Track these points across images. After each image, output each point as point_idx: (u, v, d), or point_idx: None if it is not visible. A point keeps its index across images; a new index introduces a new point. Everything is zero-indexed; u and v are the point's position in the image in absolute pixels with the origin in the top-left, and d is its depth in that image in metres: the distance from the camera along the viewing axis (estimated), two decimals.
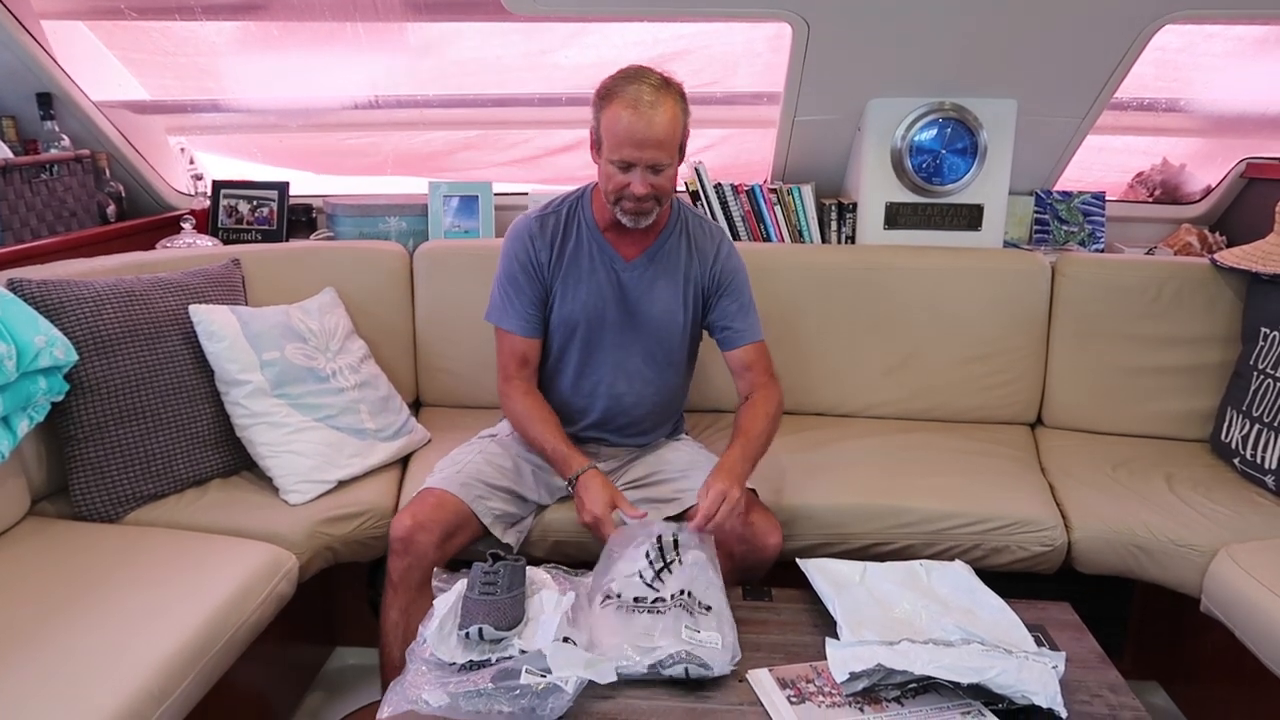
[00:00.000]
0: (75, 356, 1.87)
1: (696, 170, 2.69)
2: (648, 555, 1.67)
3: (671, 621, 1.55)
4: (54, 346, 1.81)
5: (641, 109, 1.77)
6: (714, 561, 1.71)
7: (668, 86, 1.82)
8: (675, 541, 1.71)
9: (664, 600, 1.59)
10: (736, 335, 2.04)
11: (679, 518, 1.88)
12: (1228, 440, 2.30)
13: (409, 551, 1.80)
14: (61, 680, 1.39)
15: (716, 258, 2.04)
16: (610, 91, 1.81)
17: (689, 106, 1.87)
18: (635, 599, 1.60)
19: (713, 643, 1.53)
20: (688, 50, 2.71)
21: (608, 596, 1.61)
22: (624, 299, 2.01)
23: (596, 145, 1.87)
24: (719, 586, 1.67)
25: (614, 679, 1.43)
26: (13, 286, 1.88)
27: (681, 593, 1.61)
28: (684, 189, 2.74)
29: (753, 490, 1.98)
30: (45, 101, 2.50)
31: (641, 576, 1.64)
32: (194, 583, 1.69)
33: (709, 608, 1.61)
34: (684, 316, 2.04)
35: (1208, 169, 2.95)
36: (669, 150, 1.82)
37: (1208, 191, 2.94)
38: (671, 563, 1.67)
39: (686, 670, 1.47)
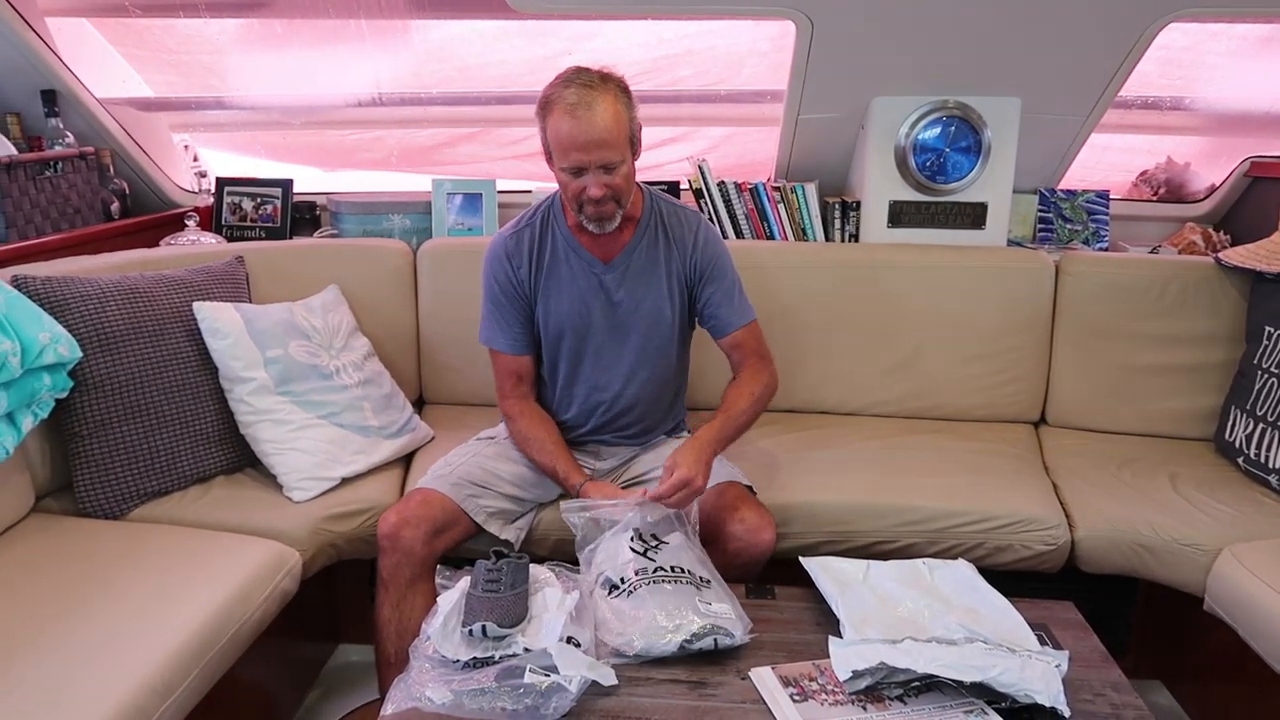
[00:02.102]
0: (79, 353, 1.87)
1: (700, 168, 2.68)
2: (631, 538, 1.69)
3: (684, 598, 1.56)
4: (58, 343, 1.81)
5: (579, 113, 1.76)
6: (695, 541, 1.75)
7: (604, 83, 1.80)
8: (653, 534, 1.73)
9: (665, 570, 1.61)
10: (725, 323, 2.04)
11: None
12: (1232, 439, 2.29)
13: (396, 548, 1.82)
14: (64, 676, 1.39)
15: (695, 245, 2.03)
16: (548, 101, 1.80)
17: (633, 99, 1.85)
18: (637, 571, 1.61)
19: (726, 613, 1.56)
20: (692, 49, 2.71)
21: (614, 587, 1.61)
22: (608, 301, 2.00)
23: (549, 156, 1.87)
24: (708, 561, 1.71)
25: (615, 681, 1.44)
26: (17, 283, 1.88)
27: (675, 569, 1.63)
28: (687, 187, 2.74)
29: (748, 487, 1.99)
30: (50, 98, 2.50)
31: (634, 550, 1.66)
32: (198, 579, 1.69)
33: (708, 581, 1.64)
34: (671, 311, 2.03)
35: (1212, 168, 2.94)
36: (616, 148, 1.80)
37: (1212, 190, 2.94)
38: (658, 545, 1.69)
39: (715, 642, 1.51)
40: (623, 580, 1.61)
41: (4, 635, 1.48)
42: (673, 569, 1.63)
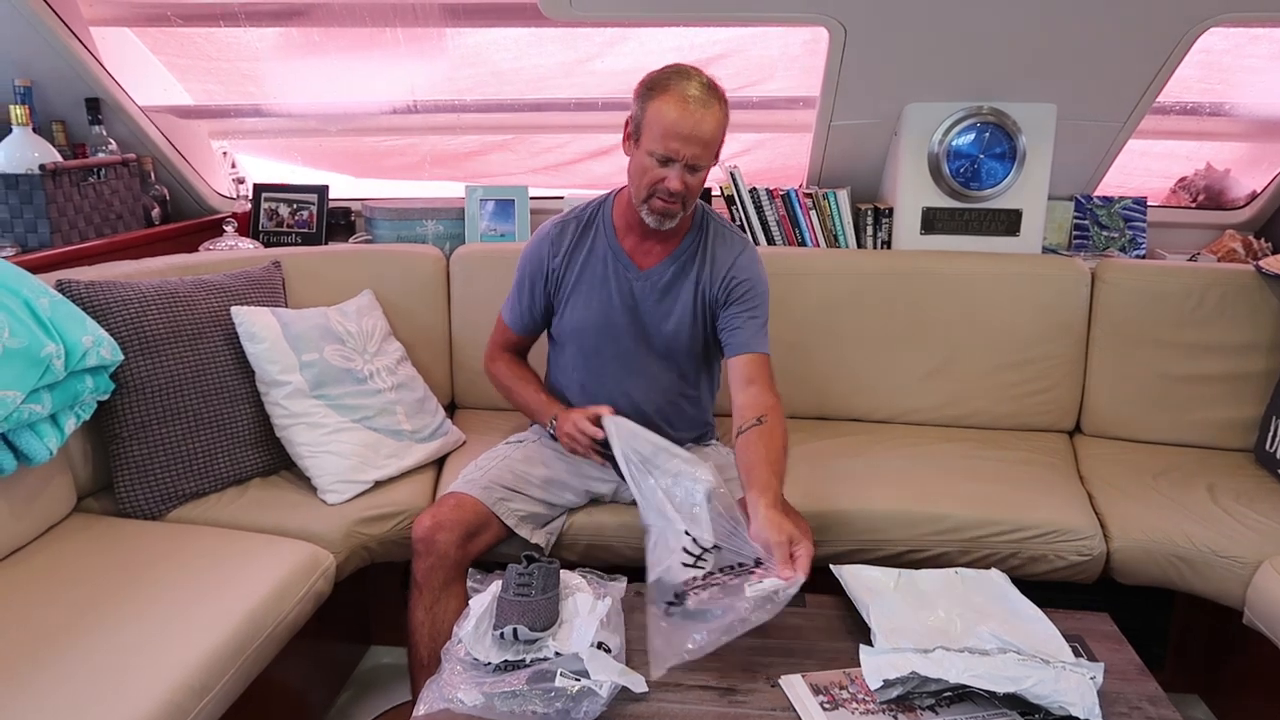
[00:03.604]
0: (121, 356, 1.91)
1: (732, 174, 2.68)
2: (686, 547, 1.63)
3: (734, 589, 1.54)
4: (101, 346, 1.85)
5: (692, 105, 1.76)
6: (723, 495, 1.71)
7: (715, 89, 1.82)
8: (708, 497, 1.68)
9: (715, 574, 1.59)
10: (741, 343, 1.94)
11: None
12: (1272, 450, 2.25)
13: (430, 552, 1.83)
14: (105, 674, 1.42)
15: (732, 267, 1.98)
16: (659, 83, 1.80)
17: (729, 115, 1.86)
18: (687, 581, 1.59)
19: (774, 585, 1.52)
20: (724, 55, 2.71)
21: (670, 603, 1.57)
22: (635, 309, 2.00)
23: (634, 136, 1.85)
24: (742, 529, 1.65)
25: (645, 688, 1.44)
26: (61, 287, 1.92)
27: (726, 569, 1.60)
28: (719, 193, 2.74)
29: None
30: (93, 106, 2.56)
31: (685, 565, 1.62)
32: (234, 580, 1.71)
33: (758, 560, 1.59)
34: (695, 328, 2.01)
35: (1253, 174, 2.90)
36: (711, 152, 1.82)
37: (1253, 197, 2.89)
38: (707, 553, 1.63)
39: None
40: (677, 596, 1.57)
41: (46, 633, 1.51)
42: (723, 570, 1.60)
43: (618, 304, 2.00)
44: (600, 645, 1.47)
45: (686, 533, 1.65)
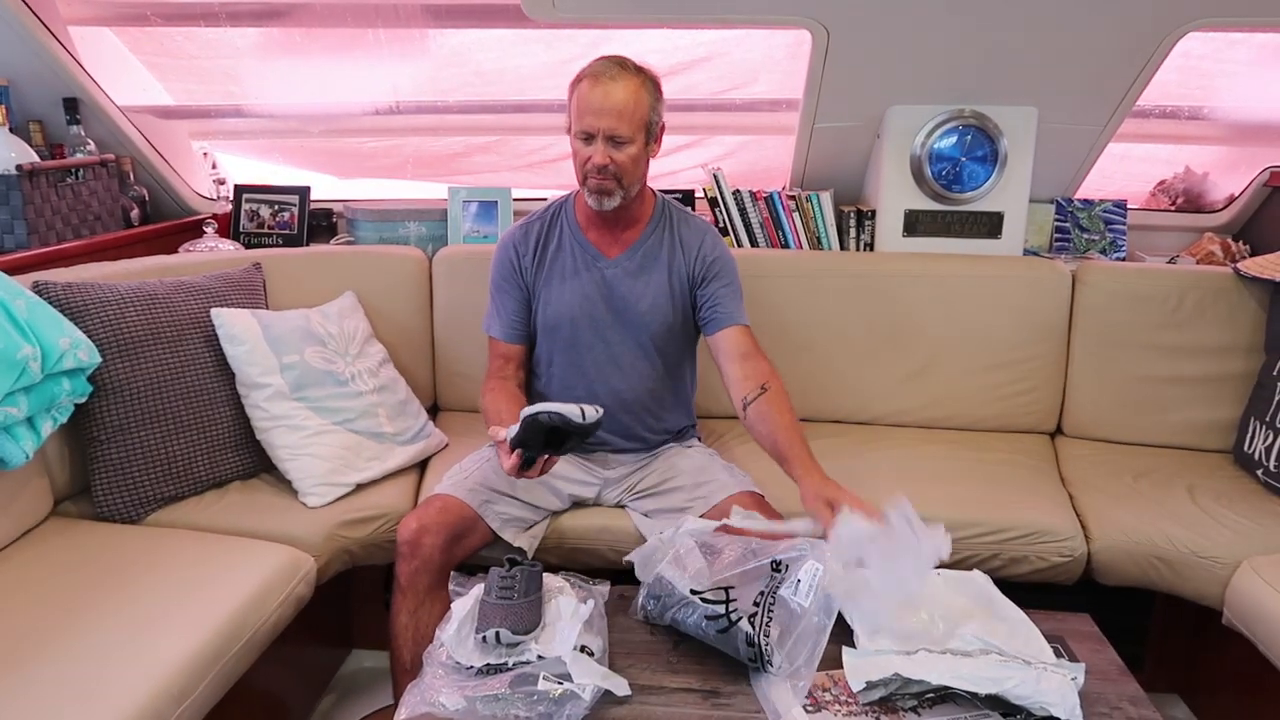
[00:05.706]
0: (99, 359, 1.89)
1: (715, 176, 2.69)
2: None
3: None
4: (78, 349, 1.83)
5: (602, 81, 1.84)
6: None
7: (637, 69, 1.88)
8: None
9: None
10: (725, 316, 1.99)
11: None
12: (1251, 451, 2.27)
13: (416, 555, 1.82)
14: (82, 680, 1.40)
15: (701, 248, 2.04)
16: (580, 74, 1.89)
17: (662, 95, 1.91)
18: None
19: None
20: (708, 58, 2.72)
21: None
22: (609, 296, 2.02)
23: (569, 130, 1.92)
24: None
25: (628, 691, 1.43)
26: (38, 289, 1.90)
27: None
28: (702, 195, 2.75)
29: (761, 495, 1.98)
30: (71, 106, 2.53)
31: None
32: (213, 584, 1.70)
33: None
34: (672, 309, 2.04)
35: (1231, 177, 2.93)
36: (628, 123, 1.85)
37: (1231, 200, 2.92)
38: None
39: None
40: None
41: (22, 638, 1.49)
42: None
43: (592, 292, 2.02)
44: (583, 648, 1.46)
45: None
